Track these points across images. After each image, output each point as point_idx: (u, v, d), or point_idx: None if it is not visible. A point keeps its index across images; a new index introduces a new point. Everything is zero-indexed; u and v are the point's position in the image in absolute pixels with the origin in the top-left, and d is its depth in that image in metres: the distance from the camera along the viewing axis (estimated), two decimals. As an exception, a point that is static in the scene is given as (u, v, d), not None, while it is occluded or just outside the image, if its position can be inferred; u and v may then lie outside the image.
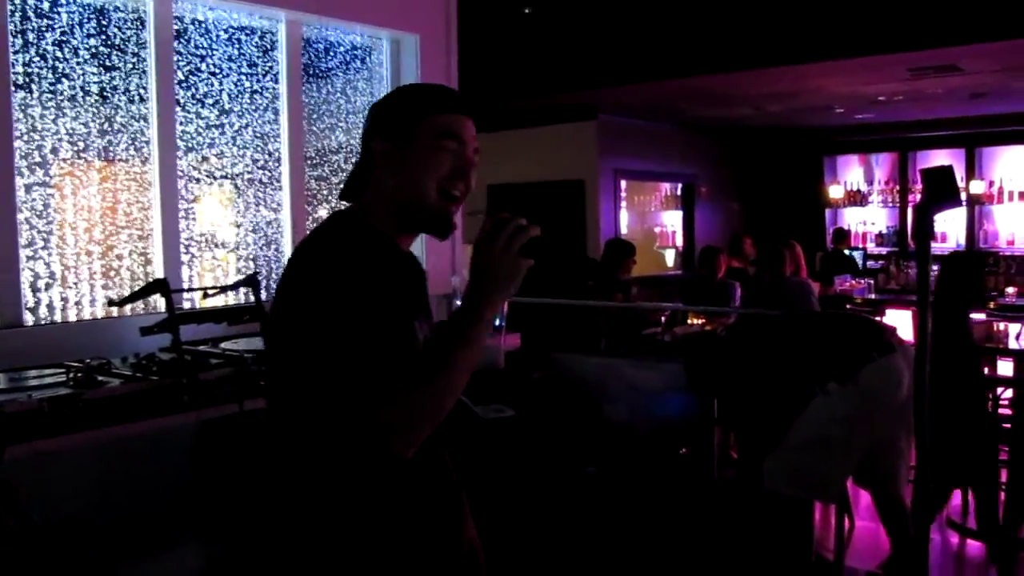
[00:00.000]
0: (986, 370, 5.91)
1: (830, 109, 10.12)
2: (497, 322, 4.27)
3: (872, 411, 3.62)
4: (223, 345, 3.65)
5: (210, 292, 3.68)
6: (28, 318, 3.56)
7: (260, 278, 3.84)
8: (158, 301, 3.42)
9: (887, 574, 4.13)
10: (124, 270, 3.90)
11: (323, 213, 4.80)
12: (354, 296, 1.49)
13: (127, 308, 3.68)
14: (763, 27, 7.25)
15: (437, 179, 1.62)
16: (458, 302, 1.80)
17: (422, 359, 1.55)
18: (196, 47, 4.15)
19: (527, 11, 7.59)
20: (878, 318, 5.91)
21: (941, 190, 1.72)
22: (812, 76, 7.99)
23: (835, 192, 12.26)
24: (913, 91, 8.75)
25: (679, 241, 11.84)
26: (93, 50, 3.75)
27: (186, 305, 3.93)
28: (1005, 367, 6.01)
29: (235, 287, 3.75)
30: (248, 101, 4.38)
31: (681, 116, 10.68)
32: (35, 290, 3.61)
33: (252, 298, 3.55)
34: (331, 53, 4.81)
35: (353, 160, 4.91)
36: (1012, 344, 5.80)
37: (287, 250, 4.55)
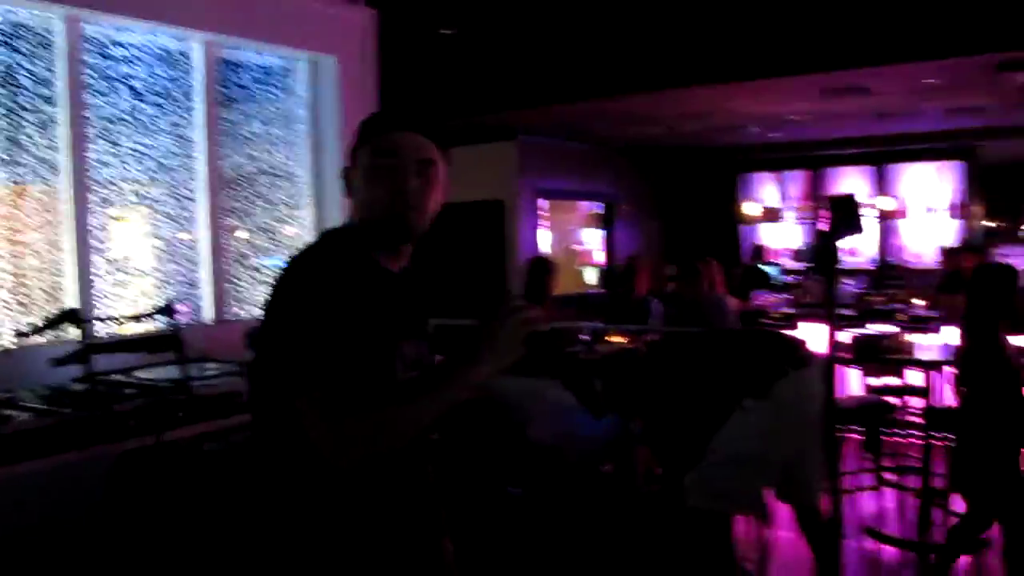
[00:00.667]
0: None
1: (744, 128, 10.33)
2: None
3: (788, 425, 3.69)
4: (138, 374, 3.56)
5: (124, 320, 3.59)
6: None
7: (175, 305, 3.76)
8: (69, 329, 3.33)
9: None
10: (34, 299, 3.79)
11: (242, 235, 4.73)
12: (316, 313, 1.56)
13: (36, 338, 3.57)
14: (678, 49, 7.38)
15: (380, 194, 1.70)
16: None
17: (394, 395, 1.61)
18: (108, 68, 4.07)
19: (444, 32, 7.60)
20: (791, 331, 6.02)
21: (844, 218, 1.78)
22: (726, 96, 8.16)
23: (750, 209, 12.52)
24: (824, 111, 9.00)
25: (600, 259, 11.95)
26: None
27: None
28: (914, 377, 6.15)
29: (150, 315, 3.66)
30: (162, 124, 4.31)
31: (599, 136, 10.80)
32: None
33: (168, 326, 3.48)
34: (248, 75, 4.76)
35: (269, 182, 4.87)
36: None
37: (205, 274, 4.47)
